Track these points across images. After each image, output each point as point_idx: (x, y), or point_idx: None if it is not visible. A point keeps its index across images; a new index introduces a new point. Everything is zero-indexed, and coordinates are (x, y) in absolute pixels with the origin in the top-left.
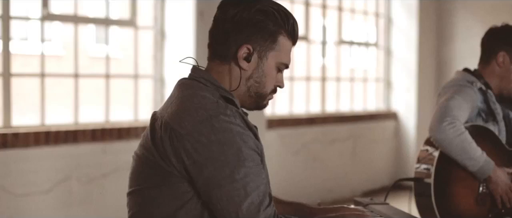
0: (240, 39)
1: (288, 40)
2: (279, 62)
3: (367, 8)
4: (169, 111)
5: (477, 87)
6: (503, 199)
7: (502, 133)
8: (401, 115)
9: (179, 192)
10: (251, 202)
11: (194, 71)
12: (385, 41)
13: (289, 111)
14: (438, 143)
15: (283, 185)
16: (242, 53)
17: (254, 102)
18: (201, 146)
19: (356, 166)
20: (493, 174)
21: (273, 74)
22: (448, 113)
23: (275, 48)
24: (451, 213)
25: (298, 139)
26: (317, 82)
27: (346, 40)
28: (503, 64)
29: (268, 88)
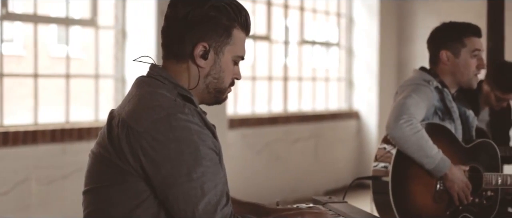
0: (195, 38)
1: (242, 32)
2: (235, 55)
3: (329, 8)
4: (127, 108)
5: (434, 86)
6: (460, 196)
7: (458, 131)
8: (362, 114)
9: (135, 191)
10: (208, 202)
11: (152, 69)
12: (347, 41)
13: (251, 110)
14: (395, 141)
15: (246, 185)
16: (198, 51)
17: (213, 98)
18: (158, 144)
19: (318, 165)
20: (450, 171)
21: (230, 68)
22: (405, 111)
23: (230, 43)
24: (409, 210)
25: (261, 139)
26: (279, 82)
27: (308, 40)
28: (448, 61)
29: (227, 82)
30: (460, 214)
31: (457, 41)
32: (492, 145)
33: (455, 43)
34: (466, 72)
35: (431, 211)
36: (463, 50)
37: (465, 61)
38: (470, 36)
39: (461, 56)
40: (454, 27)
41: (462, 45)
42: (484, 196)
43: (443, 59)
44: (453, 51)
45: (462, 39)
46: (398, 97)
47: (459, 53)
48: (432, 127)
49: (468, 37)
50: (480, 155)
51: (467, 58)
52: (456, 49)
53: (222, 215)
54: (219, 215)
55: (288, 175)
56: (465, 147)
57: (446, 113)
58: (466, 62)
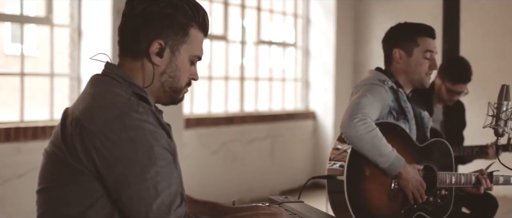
0: (151, 35)
1: (200, 32)
2: (192, 55)
3: (286, 9)
4: (81, 107)
5: (389, 86)
6: (414, 195)
7: (412, 131)
8: (319, 114)
9: (88, 190)
10: (161, 202)
11: (107, 68)
12: (303, 42)
13: (207, 110)
14: (349, 140)
15: (202, 185)
16: (154, 48)
17: (169, 97)
18: (111, 144)
19: (275, 165)
20: (404, 170)
21: (186, 67)
22: (360, 110)
23: (187, 41)
24: (364, 209)
25: (217, 139)
26: (235, 82)
27: (264, 40)
28: (401, 60)
29: (183, 82)
30: (415, 212)
31: (410, 40)
32: (445, 144)
33: (408, 42)
34: (418, 71)
35: (386, 209)
36: (416, 50)
37: (417, 60)
38: (423, 36)
39: (413, 55)
40: (408, 27)
41: (415, 44)
42: (438, 195)
43: (396, 58)
44: (406, 50)
45: (415, 39)
46: (353, 97)
47: (411, 52)
48: (387, 126)
49: (421, 37)
50: (434, 154)
51: (419, 58)
52: (409, 48)
53: (176, 215)
54: (173, 215)
55: (244, 175)
56: (419, 146)
57: (401, 113)
58: (418, 61)
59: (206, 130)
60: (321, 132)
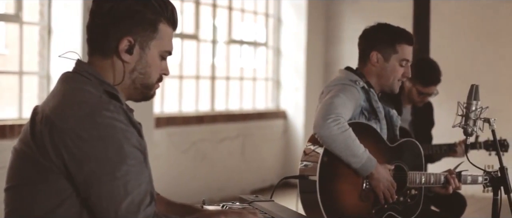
0: (120, 32)
1: (169, 27)
2: (162, 50)
3: (257, 8)
4: (51, 104)
5: (360, 86)
6: (385, 195)
7: (383, 131)
8: (289, 114)
9: (57, 189)
10: (131, 201)
11: (78, 65)
12: (275, 42)
13: (178, 109)
14: (322, 140)
15: (172, 184)
16: (123, 46)
17: (140, 93)
18: (81, 142)
19: (246, 165)
20: (375, 171)
21: (157, 63)
22: (333, 110)
23: (156, 37)
24: (336, 209)
25: (187, 138)
26: (206, 81)
27: (236, 40)
28: (377, 63)
29: (154, 78)
30: (385, 212)
31: (390, 46)
32: (416, 144)
33: (387, 48)
34: (391, 77)
35: (357, 209)
36: (394, 56)
37: (393, 67)
38: (403, 44)
39: (390, 62)
40: (389, 32)
41: (393, 51)
42: (408, 194)
43: (373, 60)
44: (383, 54)
45: (395, 46)
46: (325, 97)
47: (389, 58)
48: (359, 126)
49: (401, 44)
50: (405, 154)
51: (395, 65)
52: (387, 53)
53: (145, 214)
54: (142, 214)
55: (214, 174)
56: (390, 146)
57: (372, 113)
58: (393, 69)
59: (176, 129)
60: (291, 131)
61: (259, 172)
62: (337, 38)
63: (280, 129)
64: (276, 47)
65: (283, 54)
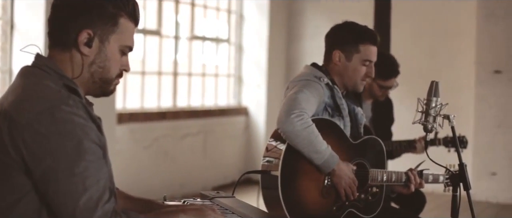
0: (80, 25)
1: (130, 22)
2: (122, 45)
3: (219, 5)
4: (10, 99)
5: (324, 83)
6: (346, 192)
7: (347, 128)
8: (251, 110)
9: (16, 185)
10: (89, 197)
11: (37, 59)
12: (237, 38)
13: (140, 105)
14: (285, 135)
15: (134, 180)
16: (82, 38)
17: (99, 88)
18: (40, 137)
19: (207, 161)
20: (337, 167)
21: (117, 58)
22: (297, 105)
23: (116, 31)
24: (297, 205)
25: (149, 134)
26: (169, 77)
27: (198, 36)
28: (339, 62)
29: (113, 73)
30: (346, 209)
31: (352, 46)
32: (378, 142)
33: (350, 47)
34: (353, 77)
35: (318, 206)
36: (356, 56)
37: (355, 67)
38: (366, 44)
39: (352, 61)
40: (353, 31)
41: (356, 50)
42: (369, 192)
43: (335, 59)
44: (346, 54)
45: (358, 45)
46: (289, 92)
47: (351, 57)
48: (322, 122)
49: (364, 44)
50: (367, 152)
51: (357, 65)
52: (350, 53)
53: (103, 211)
54: (100, 211)
55: (176, 171)
56: (353, 143)
57: (336, 110)
58: (355, 68)
59: (138, 125)
60: (253, 128)
61: (220, 169)
62: (299, 35)
63: (242, 126)
64: (238, 44)
65: (245, 50)
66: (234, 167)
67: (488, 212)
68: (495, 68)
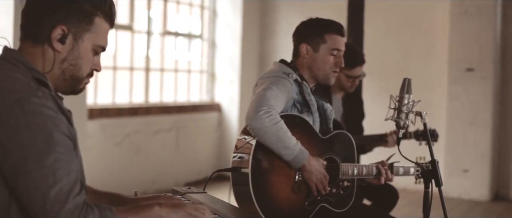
0: (55, 20)
1: (105, 23)
2: (95, 44)
3: (192, 0)
4: None
5: (293, 79)
6: (317, 187)
7: (316, 123)
8: (224, 106)
9: None
10: (59, 189)
11: (5, 52)
12: (210, 34)
13: (111, 101)
14: (254, 132)
15: (105, 176)
16: (56, 34)
17: (69, 86)
18: (9, 129)
19: (180, 157)
20: (307, 162)
21: (89, 57)
22: (265, 102)
23: (91, 30)
24: (269, 201)
25: (121, 130)
26: (141, 73)
27: (171, 31)
28: (307, 55)
29: (84, 71)
30: (318, 204)
31: (318, 37)
32: (348, 136)
33: (315, 38)
34: (322, 68)
35: (290, 201)
36: (323, 46)
37: (323, 57)
38: (331, 34)
39: (320, 52)
40: (318, 23)
41: (322, 41)
42: (341, 186)
43: (303, 53)
44: (312, 45)
45: (323, 35)
46: (258, 89)
47: (318, 48)
48: (291, 118)
49: (329, 34)
50: (337, 146)
51: (325, 55)
52: (316, 44)
53: (74, 203)
54: (71, 203)
55: (148, 167)
56: (322, 138)
57: (305, 106)
58: (323, 58)
59: (110, 121)
60: (226, 124)
61: (193, 165)
62: (272, 32)
63: (215, 122)
64: (211, 40)
65: (218, 46)
66: (207, 163)
67: (460, 209)
68: (468, 66)
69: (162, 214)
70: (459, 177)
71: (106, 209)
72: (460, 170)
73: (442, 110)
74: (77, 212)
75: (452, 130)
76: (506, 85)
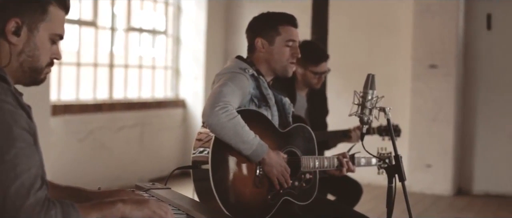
0: (8, 13)
1: (60, 10)
2: (52, 33)
3: None
4: None
5: (250, 74)
6: (279, 180)
7: (274, 118)
8: (189, 102)
9: None
10: (20, 185)
11: None
12: (174, 30)
13: (75, 97)
14: (211, 128)
15: (69, 173)
16: (10, 27)
17: (29, 77)
18: None
19: (144, 153)
20: (267, 156)
21: (47, 46)
22: (221, 98)
23: (46, 19)
24: (231, 196)
25: (85, 126)
26: (105, 69)
27: (135, 27)
28: (263, 49)
29: (43, 61)
30: (281, 197)
31: (272, 29)
32: (307, 129)
33: (270, 31)
34: (280, 60)
35: (253, 196)
36: (278, 38)
37: (279, 49)
38: (285, 25)
39: (275, 44)
40: (270, 16)
41: (276, 33)
42: (303, 179)
43: (258, 47)
44: (267, 38)
45: (277, 27)
46: (215, 85)
47: (273, 41)
48: (249, 113)
49: (282, 26)
50: (297, 139)
51: (281, 47)
52: (271, 37)
53: (35, 198)
54: (32, 198)
55: (112, 163)
56: (281, 132)
57: (262, 100)
58: (279, 51)
59: (73, 117)
60: (190, 120)
61: (157, 161)
62: (236, 28)
63: (179, 118)
64: (176, 36)
65: (183, 42)
66: (171, 159)
67: (423, 203)
68: (431, 63)
69: (126, 211)
70: (422, 172)
71: (68, 205)
72: (423, 165)
73: (406, 106)
74: (39, 207)
75: (415, 126)
76: (468, 81)
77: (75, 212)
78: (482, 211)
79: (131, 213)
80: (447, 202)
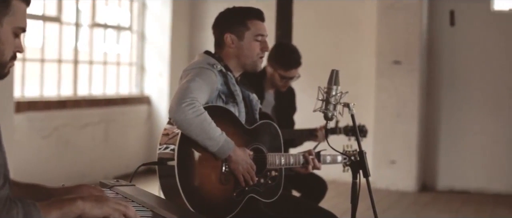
0: None
1: (22, 3)
2: (15, 27)
3: None
4: None
5: (218, 70)
6: (245, 178)
7: (242, 114)
8: (153, 99)
9: None
10: None
11: None
12: (139, 26)
13: (39, 93)
14: (177, 124)
15: (33, 170)
16: None
17: None
18: None
19: (109, 150)
20: (233, 153)
21: (10, 40)
22: (188, 94)
23: (9, 13)
24: (196, 193)
25: (49, 123)
26: (69, 65)
27: (100, 23)
28: (233, 44)
29: (7, 55)
30: (246, 195)
31: (241, 24)
32: (273, 126)
33: (239, 26)
34: (250, 55)
35: (218, 193)
36: (247, 33)
37: (249, 44)
38: (253, 19)
39: (245, 39)
40: (238, 11)
41: (245, 28)
42: (269, 176)
43: (228, 43)
44: (237, 34)
45: (246, 22)
46: (182, 81)
47: (243, 36)
48: (216, 109)
49: (251, 20)
50: (263, 136)
51: (250, 41)
52: (240, 32)
53: None
54: None
55: (77, 160)
56: (248, 129)
57: (230, 96)
58: (249, 45)
59: (37, 114)
60: (155, 117)
61: (122, 158)
62: (202, 24)
63: (144, 115)
64: (141, 32)
65: (148, 39)
66: (136, 156)
67: (388, 200)
68: (395, 59)
69: (85, 208)
70: (386, 168)
71: (30, 204)
72: (388, 161)
73: (370, 102)
74: (0, 206)
75: (379, 122)
76: (432, 77)
77: (36, 211)
78: (446, 207)
79: (91, 211)
80: (411, 198)
